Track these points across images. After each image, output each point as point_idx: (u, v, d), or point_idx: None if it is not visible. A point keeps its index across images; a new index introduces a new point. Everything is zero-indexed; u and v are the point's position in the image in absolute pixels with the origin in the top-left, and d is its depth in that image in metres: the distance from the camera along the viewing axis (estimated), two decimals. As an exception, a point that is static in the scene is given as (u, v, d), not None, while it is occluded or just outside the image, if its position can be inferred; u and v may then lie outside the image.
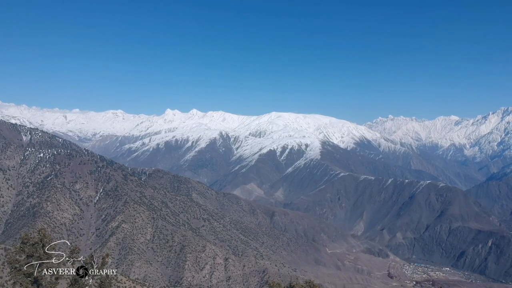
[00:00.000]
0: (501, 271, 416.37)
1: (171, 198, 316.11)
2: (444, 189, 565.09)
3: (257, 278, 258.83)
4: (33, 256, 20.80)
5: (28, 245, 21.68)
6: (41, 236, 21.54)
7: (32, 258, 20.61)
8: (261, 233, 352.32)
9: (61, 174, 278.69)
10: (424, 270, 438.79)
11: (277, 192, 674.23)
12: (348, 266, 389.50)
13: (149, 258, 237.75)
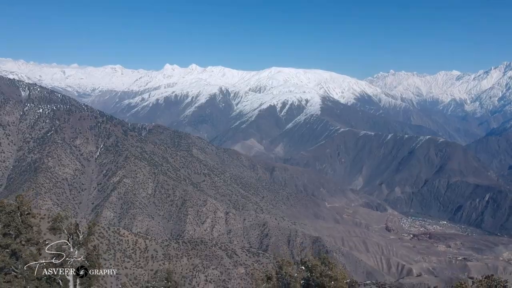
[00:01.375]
0: (497, 225, 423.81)
1: (172, 154, 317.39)
2: (444, 144, 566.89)
3: (257, 231, 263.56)
4: (10, 225, 18.86)
5: (4, 213, 19.41)
6: (18, 203, 19.38)
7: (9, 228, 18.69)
8: (261, 187, 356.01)
9: (61, 130, 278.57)
10: (422, 224, 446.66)
11: (277, 147, 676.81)
12: (346, 219, 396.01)
13: (151, 212, 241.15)
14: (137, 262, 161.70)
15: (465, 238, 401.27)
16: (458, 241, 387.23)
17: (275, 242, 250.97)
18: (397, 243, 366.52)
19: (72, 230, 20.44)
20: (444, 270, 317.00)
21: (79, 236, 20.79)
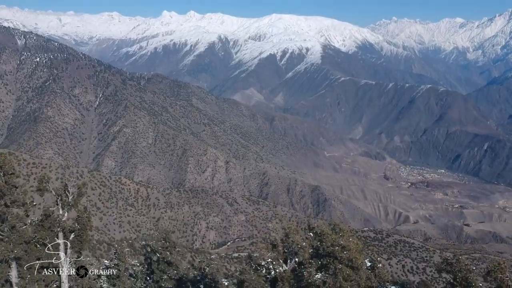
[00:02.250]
0: (494, 173, 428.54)
1: (171, 103, 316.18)
2: (444, 93, 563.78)
3: (257, 180, 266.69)
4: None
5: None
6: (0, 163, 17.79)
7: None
8: (261, 137, 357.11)
9: (59, 79, 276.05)
10: (420, 172, 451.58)
11: (277, 97, 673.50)
12: (345, 168, 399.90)
13: (152, 162, 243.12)
14: (139, 210, 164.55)
15: (462, 186, 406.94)
16: (455, 189, 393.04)
17: (274, 191, 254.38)
18: (395, 191, 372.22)
19: (60, 191, 18.50)
20: (441, 217, 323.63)
21: (68, 197, 18.72)
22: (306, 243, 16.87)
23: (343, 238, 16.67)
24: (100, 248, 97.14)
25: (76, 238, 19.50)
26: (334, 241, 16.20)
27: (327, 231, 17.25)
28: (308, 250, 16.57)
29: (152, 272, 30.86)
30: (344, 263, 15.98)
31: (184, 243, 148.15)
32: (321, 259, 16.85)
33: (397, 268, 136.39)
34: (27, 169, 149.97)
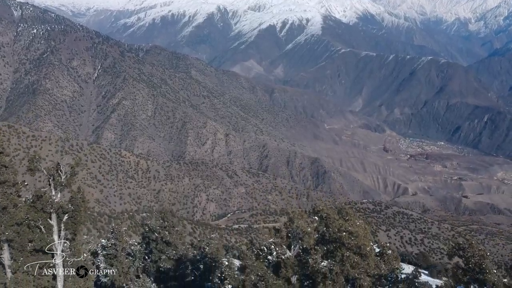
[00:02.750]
0: (493, 145, 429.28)
1: (170, 75, 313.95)
2: (445, 65, 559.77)
3: (257, 153, 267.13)
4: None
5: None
6: None
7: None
8: (261, 109, 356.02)
9: (57, 51, 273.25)
10: (419, 144, 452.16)
11: (276, 69, 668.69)
12: (345, 141, 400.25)
13: (152, 134, 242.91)
14: (139, 182, 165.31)
15: (461, 158, 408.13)
16: (454, 161, 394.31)
17: (274, 163, 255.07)
18: (394, 163, 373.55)
19: (52, 170, 17.61)
20: (440, 190, 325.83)
21: (61, 176, 17.72)
22: (311, 229, 15.95)
23: (350, 223, 15.90)
24: (101, 220, 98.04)
25: (70, 219, 18.56)
26: (341, 227, 15.51)
27: (333, 215, 16.38)
28: (313, 236, 15.82)
29: (150, 251, 30.35)
30: (351, 250, 15.32)
31: (184, 215, 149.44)
32: (327, 245, 16.17)
33: (395, 239, 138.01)
34: (26, 142, 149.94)
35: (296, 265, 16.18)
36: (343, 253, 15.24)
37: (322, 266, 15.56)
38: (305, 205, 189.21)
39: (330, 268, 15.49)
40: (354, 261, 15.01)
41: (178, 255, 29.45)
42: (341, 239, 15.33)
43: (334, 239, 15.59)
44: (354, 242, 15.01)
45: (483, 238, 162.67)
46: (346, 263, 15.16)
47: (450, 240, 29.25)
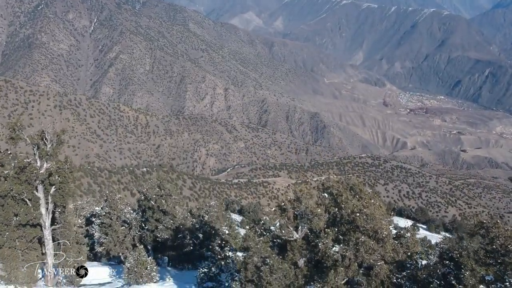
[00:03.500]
0: (493, 100, 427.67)
1: (168, 28, 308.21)
2: (448, 17, 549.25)
3: (256, 107, 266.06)
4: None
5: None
6: None
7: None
8: (260, 63, 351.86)
9: (51, 3, 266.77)
10: (419, 99, 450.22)
11: (276, 21, 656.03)
12: (345, 95, 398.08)
13: (150, 89, 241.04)
14: (139, 137, 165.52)
15: (461, 112, 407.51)
16: (454, 115, 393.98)
17: (274, 118, 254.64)
18: (394, 118, 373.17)
19: (37, 139, 16.16)
20: (438, 144, 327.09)
21: (47, 145, 16.29)
22: (321, 210, 14.50)
23: (365, 202, 14.22)
24: (102, 175, 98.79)
25: (58, 191, 17.17)
26: (355, 207, 13.99)
27: (345, 193, 14.85)
28: (323, 218, 14.43)
29: (147, 220, 28.90)
30: (367, 233, 13.92)
31: (184, 169, 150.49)
32: (339, 227, 14.83)
33: (393, 193, 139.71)
34: (24, 97, 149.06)
35: (304, 248, 15.05)
36: (357, 238, 13.89)
37: (333, 251, 14.41)
38: (304, 159, 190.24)
39: (343, 254, 14.23)
40: (370, 246, 13.70)
41: (176, 224, 28.28)
42: (355, 221, 13.93)
43: (347, 221, 14.18)
44: (370, 226, 13.67)
45: (480, 192, 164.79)
46: (360, 248, 13.84)
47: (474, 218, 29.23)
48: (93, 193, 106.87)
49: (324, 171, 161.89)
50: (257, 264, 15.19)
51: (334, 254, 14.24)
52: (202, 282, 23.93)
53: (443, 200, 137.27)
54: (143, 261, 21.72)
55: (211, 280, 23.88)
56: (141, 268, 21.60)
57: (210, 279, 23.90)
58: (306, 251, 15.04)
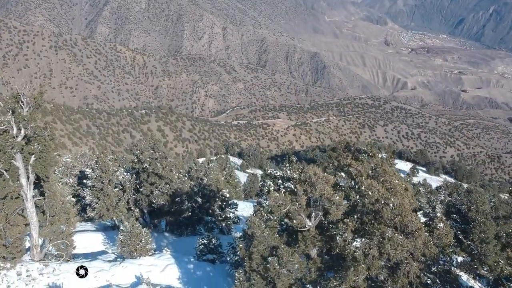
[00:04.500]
0: (496, 38, 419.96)
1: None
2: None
3: (256, 47, 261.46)
4: None
5: None
6: None
7: None
8: (259, 1, 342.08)
9: None
10: (421, 37, 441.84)
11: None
12: (345, 34, 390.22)
13: (147, 28, 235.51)
14: (136, 78, 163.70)
15: (463, 52, 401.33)
16: (455, 55, 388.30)
17: (273, 58, 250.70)
18: (395, 57, 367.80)
19: (12, 102, 14.48)
20: (439, 84, 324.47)
21: (24, 109, 14.69)
22: (340, 197, 12.55)
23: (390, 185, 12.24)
24: (100, 118, 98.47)
25: (38, 161, 15.89)
26: (381, 197, 12.07)
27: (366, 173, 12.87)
28: (342, 208, 12.56)
29: (141, 183, 27.03)
30: (393, 226, 12.18)
31: (183, 111, 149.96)
32: (359, 216, 12.96)
33: (392, 134, 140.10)
34: (18, 37, 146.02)
35: (318, 239, 13.32)
36: (383, 232, 12.07)
37: (354, 247, 12.55)
38: (303, 100, 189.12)
39: (365, 252, 12.47)
40: (398, 243, 11.89)
41: (173, 189, 25.57)
42: (380, 212, 12.13)
43: (370, 211, 12.35)
44: (398, 219, 11.92)
45: (479, 133, 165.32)
46: (386, 244, 12.04)
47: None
48: (93, 135, 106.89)
49: (324, 112, 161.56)
50: (264, 254, 13.63)
51: (355, 250, 12.42)
52: (202, 255, 21.85)
53: (442, 141, 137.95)
54: (137, 233, 20.14)
55: (212, 252, 21.80)
56: (135, 240, 20.25)
57: (211, 251, 21.79)
58: (320, 241, 13.27)
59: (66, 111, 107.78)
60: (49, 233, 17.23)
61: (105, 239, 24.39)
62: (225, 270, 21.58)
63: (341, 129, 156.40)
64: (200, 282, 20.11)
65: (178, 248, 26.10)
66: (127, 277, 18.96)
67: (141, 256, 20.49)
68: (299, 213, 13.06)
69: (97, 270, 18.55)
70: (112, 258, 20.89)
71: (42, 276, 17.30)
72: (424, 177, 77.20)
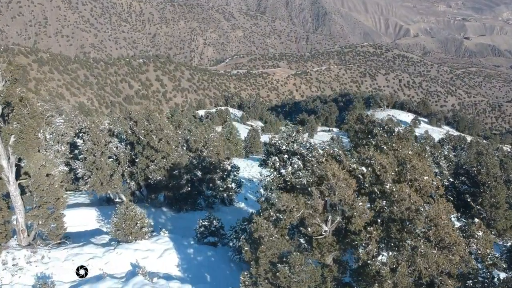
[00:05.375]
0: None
1: None
2: None
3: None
4: None
5: None
6: None
7: None
8: None
9: None
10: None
11: None
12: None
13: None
14: (133, 26, 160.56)
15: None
16: (459, 0, 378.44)
17: (273, 4, 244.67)
18: (397, 3, 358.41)
19: None
20: (441, 31, 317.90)
21: None
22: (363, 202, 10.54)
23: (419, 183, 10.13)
24: (98, 67, 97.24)
25: (18, 142, 14.58)
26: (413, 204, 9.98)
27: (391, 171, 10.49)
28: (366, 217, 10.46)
29: (135, 155, 25.09)
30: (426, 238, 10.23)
31: (182, 60, 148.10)
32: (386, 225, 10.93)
33: (393, 83, 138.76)
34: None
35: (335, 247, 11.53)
36: (415, 246, 10.22)
37: (379, 262, 10.69)
38: (304, 49, 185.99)
39: (393, 269, 10.58)
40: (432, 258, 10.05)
41: (170, 164, 24.23)
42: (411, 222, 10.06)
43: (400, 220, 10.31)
44: (432, 231, 10.03)
45: (481, 81, 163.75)
46: (417, 259, 10.12)
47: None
48: (91, 86, 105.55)
49: (325, 61, 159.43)
50: (272, 260, 11.98)
51: (381, 267, 10.58)
52: (203, 237, 21.05)
53: (443, 90, 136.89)
54: (132, 216, 18.57)
55: (213, 235, 20.96)
56: (130, 223, 18.54)
57: (212, 233, 20.93)
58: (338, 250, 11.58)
59: (63, 61, 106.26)
60: (36, 216, 15.87)
61: (99, 215, 23.18)
62: (227, 256, 19.82)
63: (341, 78, 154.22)
64: (200, 268, 18.73)
65: (177, 226, 24.43)
66: (122, 265, 17.36)
67: (137, 240, 18.86)
68: (315, 219, 11.28)
69: (90, 257, 17.15)
70: (106, 241, 19.54)
71: (29, 265, 15.89)
72: (426, 128, 76.95)
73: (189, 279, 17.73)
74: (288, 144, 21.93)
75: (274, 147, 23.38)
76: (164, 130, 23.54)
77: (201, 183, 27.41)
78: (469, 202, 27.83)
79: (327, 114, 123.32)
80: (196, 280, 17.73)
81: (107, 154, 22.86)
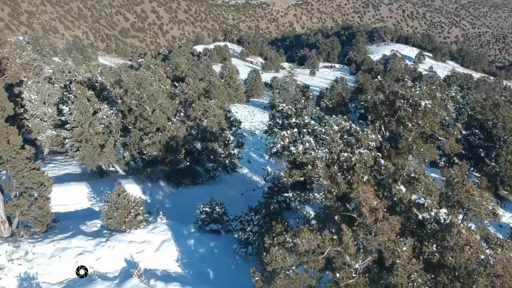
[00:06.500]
0: None
1: None
2: None
3: None
4: None
5: None
6: None
7: None
8: None
9: None
10: None
11: None
12: None
13: None
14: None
15: None
16: None
17: None
18: None
19: None
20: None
21: None
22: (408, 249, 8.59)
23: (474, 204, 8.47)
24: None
25: None
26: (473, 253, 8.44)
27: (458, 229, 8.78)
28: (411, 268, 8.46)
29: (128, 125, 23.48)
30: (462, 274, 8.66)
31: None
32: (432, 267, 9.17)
33: (397, 13, 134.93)
34: None
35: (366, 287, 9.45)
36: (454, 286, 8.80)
37: None
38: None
39: None
40: None
41: (166, 138, 22.69)
42: (470, 274, 8.43)
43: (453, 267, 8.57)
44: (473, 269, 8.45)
45: (486, 11, 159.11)
46: None
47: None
48: (85, 18, 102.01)
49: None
50: None
51: None
52: (204, 225, 20.24)
53: (447, 21, 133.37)
54: (124, 204, 17.21)
55: (216, 222, 20.07)
56: (123, 212, 17.17)
57: (214, 220, 20.06)
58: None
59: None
60: (17, 205, 15.10)
61: (90, 192, 22.06)
62: (232, 248, 19.15)
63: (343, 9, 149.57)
64: (202, 262, 17.63)
65: (176, 203, 23.03)
66: (115, 261, 16.13)
67: (131, 229, 17.83)
68: (345, 258, 9.05)
69: (79, 252, 15.96)
70: (98, 228, 18.38)
71: (12, 264, 14.75)
72: (430, 64, 75.59)
73: (190, 277, 16.87)
74: (297, 112, 21.04)
75: (281, 113, 22.63)
76: (158, 100, 21.70)
77: (201, 155, 26.70)
78: (483, 157, 27.03)
79: (329, 49, 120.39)
80: (198, 278, 16.89)
81: (96, 124, 21.40)
